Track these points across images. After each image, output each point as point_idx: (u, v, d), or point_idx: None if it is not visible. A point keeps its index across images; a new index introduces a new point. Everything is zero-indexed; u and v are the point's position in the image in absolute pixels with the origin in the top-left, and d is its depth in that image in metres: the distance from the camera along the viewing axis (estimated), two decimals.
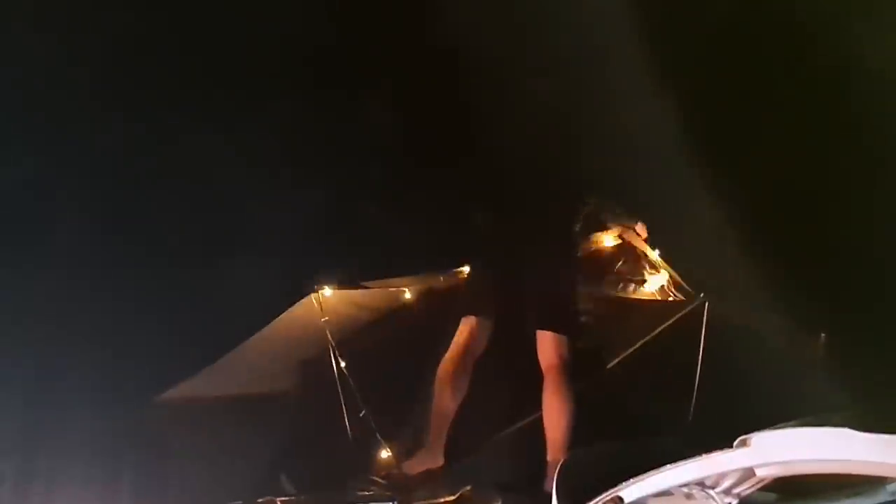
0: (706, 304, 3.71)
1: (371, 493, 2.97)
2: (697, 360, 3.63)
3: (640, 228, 3.88)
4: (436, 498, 2.99)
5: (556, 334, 3.40)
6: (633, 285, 4.01)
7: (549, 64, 3.72)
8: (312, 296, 3.60)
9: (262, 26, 4.27)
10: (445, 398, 3.42)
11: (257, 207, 3.89)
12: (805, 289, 4.00)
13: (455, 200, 3.84)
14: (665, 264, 3.95)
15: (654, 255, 3.95)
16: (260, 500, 2.66)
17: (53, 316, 3.84)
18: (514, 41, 3.81)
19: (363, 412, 3.43)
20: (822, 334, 4.15)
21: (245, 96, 4.22)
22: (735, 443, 2.11)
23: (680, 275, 3.92)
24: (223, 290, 3.67)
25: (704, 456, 2.19)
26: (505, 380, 3.63)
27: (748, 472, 2.31)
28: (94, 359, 3.74)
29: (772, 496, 3.01)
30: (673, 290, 3.94)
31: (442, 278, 3.90)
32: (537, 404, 3.36)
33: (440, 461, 3.35)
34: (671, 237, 3.98)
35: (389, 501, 2.89)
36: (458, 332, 3.55)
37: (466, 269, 3.83)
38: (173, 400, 3.85)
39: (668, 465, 2.27)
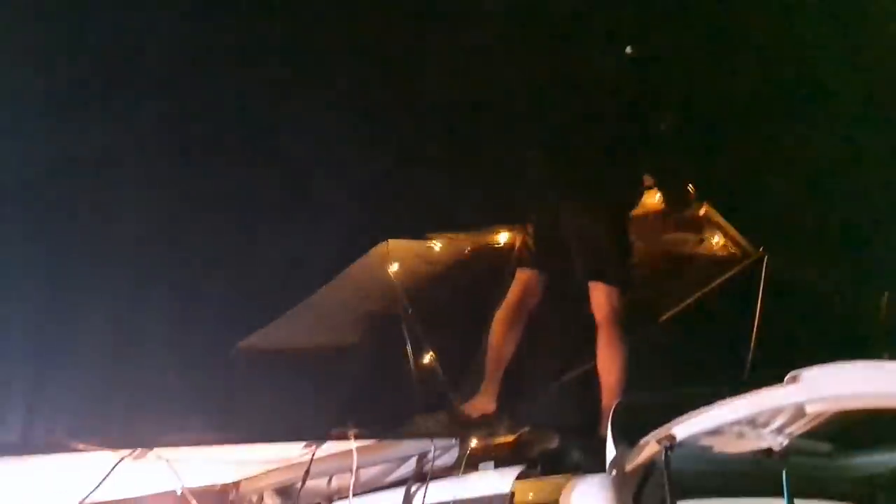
0: (765, 258, 3.75)
1: (434, 429, 3.13)
2: (755, 313, 3.67)
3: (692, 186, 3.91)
4: (495, 437, 3.14)
5: (608, 286, 3.49)
6: (690, 240, 4.05)
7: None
8: (380, 247, 3.77)
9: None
10: (499, 346, 3.56)
11: (328, 163, 4.06)
12: (867, 247, 3.99)
13: (513, 157, 3.94)
14: (723, 220, 3.98)
15: (711, 211, 3.98)
16: (333, 431, 2.84)
17: (135, 270, 4.10)
18: None
19: (428, 357, 3.61)
20: (886, 293, 4.13)
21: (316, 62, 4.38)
22: (786, 379, 2.17)
23: (738, 231, 3.94)
24: (294, 244, 3.86)
25: (754, 392, 2.27)
26: (560, 329, 3.75)
27: (799, 412, 2.38)
28: (174, 310, 4.00)
29: (826, 446, 3.07)
30: (731, 245, 3.97)
31: (500, 232, 4.03)
32: (593, 353, 3.47)
33: (493, 406, 3.50)
34: (729, 194, 4.00)
35: (451, 438, 3.06)
36: (513, 284, 3.68)
37: (523, 223, 3.92)
38: (248, 349, 4.09)
39: (720, 402, 2.36)
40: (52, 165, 3.89)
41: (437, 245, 4.00)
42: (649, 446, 2.53)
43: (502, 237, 4.03)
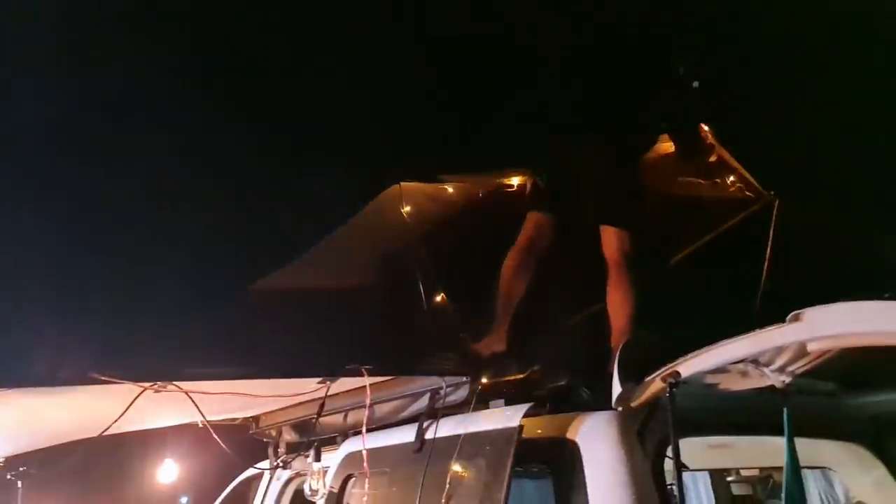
0: (776, 202, 3.75)
1: (446, 367, 3.21)
2: (765, 256, 3.69)
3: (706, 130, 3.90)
4: (505, 375, 3.22)
5: (618, 229, 3.52)
6: (703, 182, 4.05)
7: None
8: (393, 189, 3.81)
9: None
10: (510, 287, 3.62)
11: (343, 107, 4.07)
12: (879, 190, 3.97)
13: (523, 105, 3.93)
14: (735, 162, 3.97)
15: (723, 152, 3.96)
16: (347, 367, 2.93)
17: (155, 210, 4.17)
18: None
19: (440, 297, 3.68)
20: None
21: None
22: (788, 318, 2.21)
23: (751, 173, 3.94)
24: (310, 185, 3.91)
25: (757, 331, 2.31)
26: (571, 271, 3.79)
27: (801, 350, 2.42)
28: (193, 251, 4.08)
29: (830, 385, 3.12)
30: (745, 188, 3.97)
31: (512, 174, 4.04)
32: (603, 294, 3.52)
33: (503, 346, 3.56)
34: (739, 138, 3.98)
35: (462, 376, 3.14)
36: (524, 226, 3.71)
37: (535, 166, 3.93)
38: (264, 289, 4.18)
39: (723, 341, 2.41)
40: (68, 107, 3.94)
41: (449, 187, 4.04)
42: (654, 383, 2.59)
43: (514, 180, 4.06)
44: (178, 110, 4.19)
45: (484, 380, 3.16)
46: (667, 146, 3.95)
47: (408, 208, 3.84)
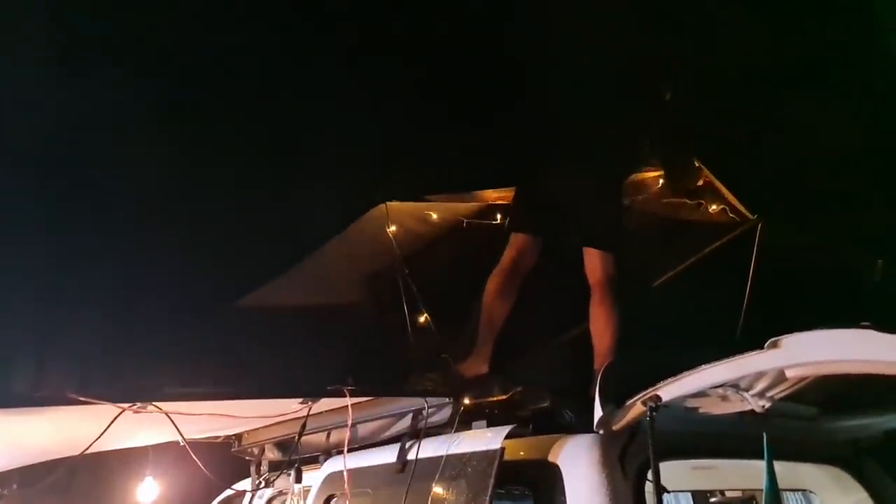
0: (759, 225, 3.78)
1: (429, 388, 3.21)
2: (748, 279, 3.72)
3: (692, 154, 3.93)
4: (487, 397, 3.22)
5: (602, 251, 3.53)
6: (686, 206, 4.08)
7: None
8: (379, 208, 3.82)
9: None
10: (493, 309, 3.62)
11: (330, 124, 4.09)
12: (861, 213, 4.01)
13: (508, 122, 3.95)
14: (720, 186, 4.00)
15: (708, 176, 4.00)
16: (329, 387, 2.92)
17: (139, 227, 4.16)
18: None
19: (424, 317, 3.68)
20: (879, 260, 4.16)
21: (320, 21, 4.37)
22: (766, 344, 2.23)
23: (735, 197, 3.97)
24: (295, 203, 3.91)
25: (737, 356, 2.33)
26: (554, 292, 3.80)
27: (780, 376, 2.45)
28: (175, 267, 4.07)
29: (811, 409, 3.13)
30: (729, 211, 4.00)
31: (497, 195, 4.06)
32: (586, 316, 3.53)
33: (486, 368, 3.56)
34: (723, 161, 4.01)
35: (444, 397, 3.13)
36: (507, 247, 3.72)
37: (520, 187, 3.95)
38: (249, 307, 4.17)
39: (703, 366, 2.42)
40: (55, 119, 3.92)
41: (434, 207, 4.05)
42: (635, 407, 2.60)
43: (499, 200, 4.07)
44: (165, 127, 4.19)
45: (466, 401, 3.16)
46: (652, 169, 3.98)
47: (393, 228, 3.85)
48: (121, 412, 2.57)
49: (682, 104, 3.82)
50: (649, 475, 2.56)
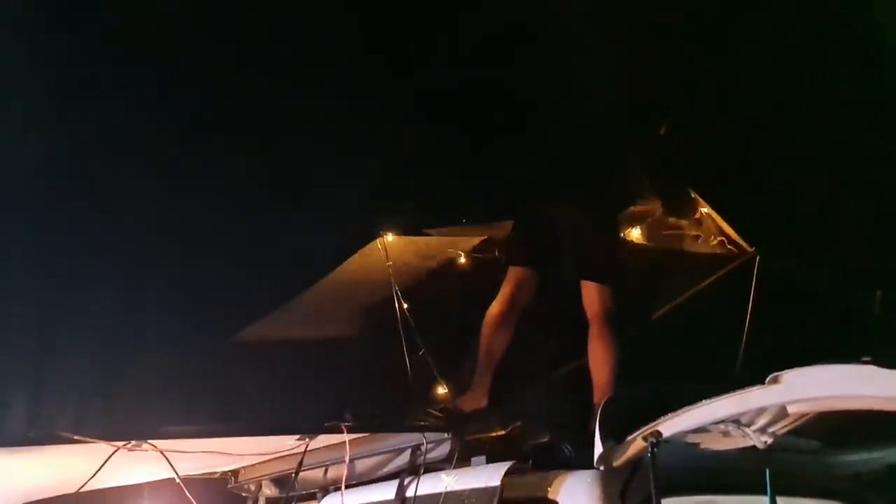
0: (757, 258, 3.78)
1: (427, 423, 3.18)
2: (747, 311, 3.71)
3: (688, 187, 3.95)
4: (487, 432, 3.19)
5: (600, 284, 3.53)
6: (684, 238, 4.09)
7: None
8: (378, 241, 3.82)
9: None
10: (491, 343, 3.60)
11: (327, 158, 4.10)
12: (859, 245, 4.01)
13: (505, 156, 3.96)
14: (718, 218, 4.01)
15: (706, 208, 4.01)
16: (326, 424, 2.90)
17: (133, 258, 4.15)
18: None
19: (422, 352, 3.67)
20: (879, 291, 4.16)
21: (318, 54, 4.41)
22: (767, 379, 2.22)
23: (733, 229, 3.97)
24: (293, 237, 3.91)
25: (738, 392, 2.32)
26: (553, 326, 3.79)
27: (782, 412, 2.43)
28: (171, 301, 4.05)
29: (813, 443, 3.11)
30: (727, 243, 4.00)
31: (496, 229, 4.06)
32: (584, 350, 3.51)
33: (484, 402, 3.54)
34: (725, 193, 4.03)
35: (443, 433, 3.11)
36: (505, 280, 3.71)
37: (517, 220, 3.95)
38: (245, 341, 4.15)
39: (704, 401, 2.41)
40: (48, 158, 3.93)
41: (433, 240, 4.06)
42: (636, 443, 2.57)
43: (497, 234, 4.08)
44: (162, 160, 4.20)
45: (466, 436, 3.13)
46: (649, 201, 3.99)
47: (391, 262, 3.85)
48: (115, 450, 2.54)
49: (678, 136, 3.84)
50: None
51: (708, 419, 2.44)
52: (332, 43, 4.51)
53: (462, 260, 4.17)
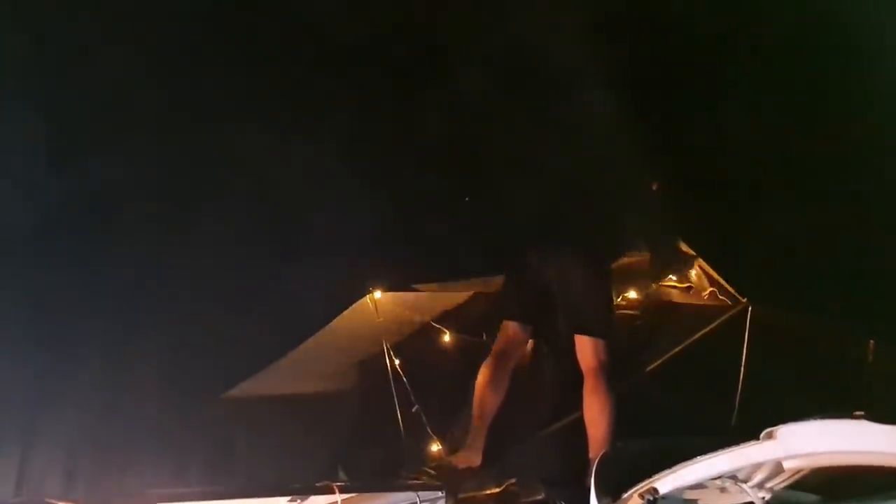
0: (749, 309, 3.78)
1: (421, 482, 3.13)
2: (740, 363, 3.69)
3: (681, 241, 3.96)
4: (482, 490, 3.14)
5: (593, 338, 3.52)
6: (676, 289, 4.09)
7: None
8: (368, 298, 3.81)
9: (320, 43, 4.49)
10: (484, 398, 3.56)
11: (316, 215, 4.10)
12: (854, 294, 4.01)
13: (497, 210, 3.98)
14: (709, 269, 4.02)
15: (697, 260, 4.03)
16: (318, 484, 2.84)
17: (123, 315, 4.11)
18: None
19: (415, 408, 3.63)
20: (871, 341, 4.14)
21: (308, 113, 4.44)
22: (762, 435, 2.20)
23: (725, 279, 3.98)
24: (283, 294, 3.89)
25: (733, 448, 2.29)
26: (546, 381, 3.76)
27: (778, 468, 2.40)
28: (162, 358, 4.00)
29: (814, 497, 3.07)
30: (717, 294, 4.01)
31: (487, 283, 4.06)
32: (579, 404, 3.48)
33: (479, 459, 3.48)
34: (715, 243, 4.04)
35: (438, 490, 3.05)
36: (498, 335, 3.69)
37: (509, 275, 3.95)
38: (237, 397, 4.10)
39: (700, 458, 2.38)
40: (35, 217, 3.91)
41: (424, 296, 4.05)
42: (632, 500, 2.53)
43: (488, 288, 4.07)
44: (151, 216, 4.18)
45: (460, 494, 3.08)
46: (639, 253, 4.01)
47: (381, 318, 3.83)
48: None
49: (669, 189, 3.87)
50: None
51: (705, 475, 2.40)
52: (321, 101, 4.55)
53: (454, 314, 4.15)
